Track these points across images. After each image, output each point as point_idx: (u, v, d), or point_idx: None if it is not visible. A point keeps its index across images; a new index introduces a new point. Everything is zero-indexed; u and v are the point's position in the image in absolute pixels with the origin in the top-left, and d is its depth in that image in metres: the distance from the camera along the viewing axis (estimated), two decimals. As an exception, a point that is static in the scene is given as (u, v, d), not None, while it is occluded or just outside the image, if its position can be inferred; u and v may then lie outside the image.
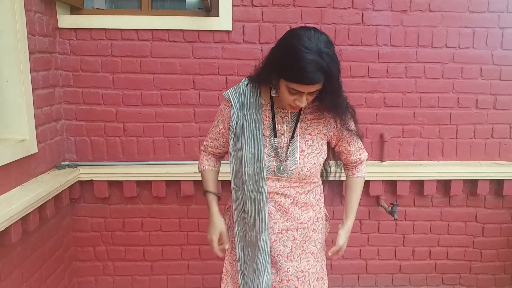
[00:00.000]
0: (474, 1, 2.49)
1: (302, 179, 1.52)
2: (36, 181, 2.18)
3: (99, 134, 2.55)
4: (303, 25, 2.44)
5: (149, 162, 2.57)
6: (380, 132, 2.62)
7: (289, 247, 1.57)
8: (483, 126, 2.65)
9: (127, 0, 2.83)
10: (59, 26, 2.41)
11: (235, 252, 1.64)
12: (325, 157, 1.56)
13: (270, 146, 1.49)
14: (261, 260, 1.53)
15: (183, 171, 2.51)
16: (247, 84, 1.54)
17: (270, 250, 1.55)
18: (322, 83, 1.32)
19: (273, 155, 1.49)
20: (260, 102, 1.51)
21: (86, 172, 2.49)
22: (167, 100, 2.53)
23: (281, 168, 1.48)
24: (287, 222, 1.55)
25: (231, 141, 1.53)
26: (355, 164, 1.67)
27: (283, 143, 1.50)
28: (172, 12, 2.52)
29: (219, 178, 2.05)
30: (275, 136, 1.49)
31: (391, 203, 2.53)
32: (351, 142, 1.60)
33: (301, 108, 1.47)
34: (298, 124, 1.51)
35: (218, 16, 2.44)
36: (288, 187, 1.52)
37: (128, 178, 2.52)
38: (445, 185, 2.68)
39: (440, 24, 2.52)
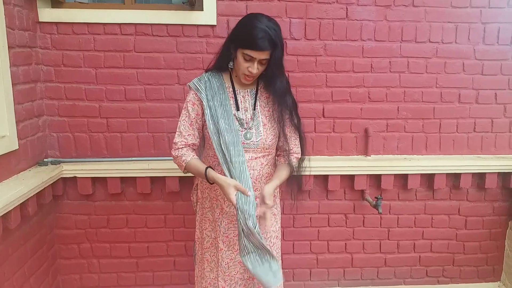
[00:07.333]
0: (457, -4, 2.53)
1: (266, 149, 1.76)
2: (17, 178, 2.14)
3: (82, 130, 2.52)
4: (288, 20, 2.47)
5: (133, 158, 2.55)
6: (365, 127, 2.63)
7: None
8: (465, 120, 2.68)
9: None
10: (40, 20, 2.36)
11: (206, 221, 1.90)
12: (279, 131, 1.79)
13: (237, 120, 1.72)
14: (252, 212, 1.64)
15: (168, 167, 2.49)
16: (209, 74, 1.77)
17: None
18: (269, 53, 1.59)
19: (240, 129, 1.71)
20: (224, 85, 1.76)
21: (70, 169, 2.46)
22: (151, 95, 2.51)
23: (248, 135, 1.71)
24: (255, 191, 1.73)
25: (207, 117, 1.69)
26: (289, 152, 1.81)
27: (248, 118, 1.74)
28: (155, 6, 2.49)
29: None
30: (238, 110, 1.73)
31: (375, 197, 2.55)
32: (288, 126, 1.78)
33: (258, 87, 1.77)
34: (257, 102, 1.77)
35: (202, 10, 2.42)
36: (255, 158, 1.74)
37: (112, 174, 2.50)
38: (428, 179, 2.71)
39: (424, 19, 2.54)
